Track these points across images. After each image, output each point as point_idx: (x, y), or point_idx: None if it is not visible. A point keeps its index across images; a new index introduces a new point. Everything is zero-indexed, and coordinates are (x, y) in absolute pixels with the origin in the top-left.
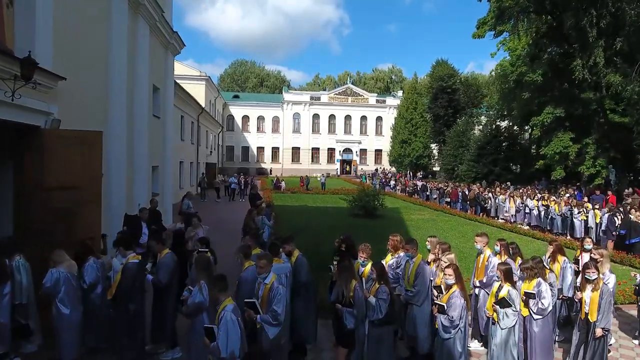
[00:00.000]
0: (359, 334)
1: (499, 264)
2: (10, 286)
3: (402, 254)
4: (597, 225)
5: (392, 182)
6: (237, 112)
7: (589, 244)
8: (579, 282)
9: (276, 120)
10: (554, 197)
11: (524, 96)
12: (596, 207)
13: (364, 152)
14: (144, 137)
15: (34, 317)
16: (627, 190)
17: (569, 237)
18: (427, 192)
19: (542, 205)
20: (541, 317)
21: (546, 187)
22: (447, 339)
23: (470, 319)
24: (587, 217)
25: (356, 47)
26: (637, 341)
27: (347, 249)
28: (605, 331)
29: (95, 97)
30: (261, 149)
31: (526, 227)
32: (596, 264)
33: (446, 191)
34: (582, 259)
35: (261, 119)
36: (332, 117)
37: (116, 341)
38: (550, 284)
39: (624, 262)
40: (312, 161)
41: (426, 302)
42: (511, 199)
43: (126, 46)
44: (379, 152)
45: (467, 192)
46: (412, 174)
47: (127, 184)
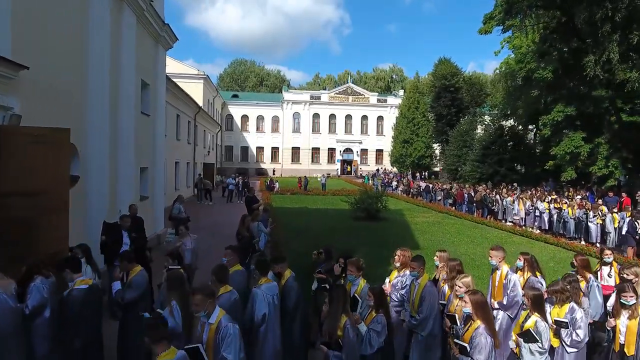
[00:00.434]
0: None
1: (528, 289)
2: None
3: (408, 272)
4: (615, 230)
5: (394, 183)
6: (236, 111)
7: (608, 257)
8: (609, 305)
9: (276, 119)
10: (566, 199)
11: (533, 94)
12: (614, 210)
13: (364, 152)
14: (130, 136)
15: None
16: None
17: (583, 242)
18: (431, 193)
19: (555, 208)
20: (576, 350)
21: (554, 189)
22: None
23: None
24: (604, 221)
25: (356, 47)
26: None
27: (326, 261)
28: None
29: (68, 91)
30: (260, 149)
31: (537, 231)
32: (633, 285)
33: (451, 192)
34: (601, 273)
35: (260, 118)
36: (332, 116)
37: None
38: (584, 309)
39: None
40: (312, 161)
41: (435, 327)
42: (520, 201)
43: (108, 36)
44: (380, 152)
45: (473, 194)
46: (413, 174)
47: (110, 188)
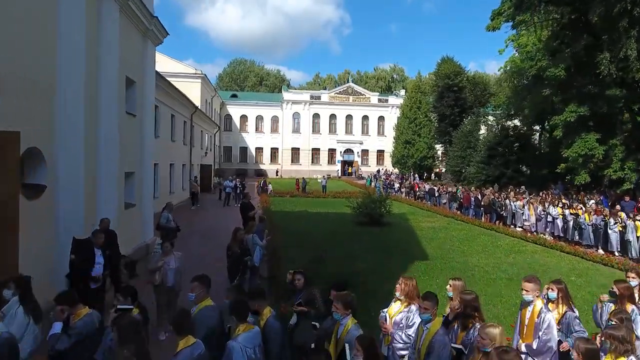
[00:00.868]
0: None
1: (579, 340)
2: None
3: (414, 307)
4: (637, 239)
5: (397, 185)
6: (235, 111)
7: (634, 279)
8: None
9: (275, 120)
10: (580, 204)
11: (543, 93)
12: (637, 218)
13: (365, 152)
14: (113, 137)
15: None
16: None
17: (601, 250)
18: (436, 197)
19: (571, 214)
20: None
21: (563, 192)
22: None
23: None
24: (624, 228)
25: (357, 47)
26: None
27: (305, 288)
28: None
29: (34, 89)
30: (260, 150)
31: (549, 238)
32: None
33: (457, 196)
34: None
35: (260, 118)
36: (332, 116)
37: None
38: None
39: None
40: (312, 162)
41: None
42: (530, 206)
43: (83, 26)
44: (381, 153)
45: (480, 197)
46: (415, 176)
47: (87, 197)
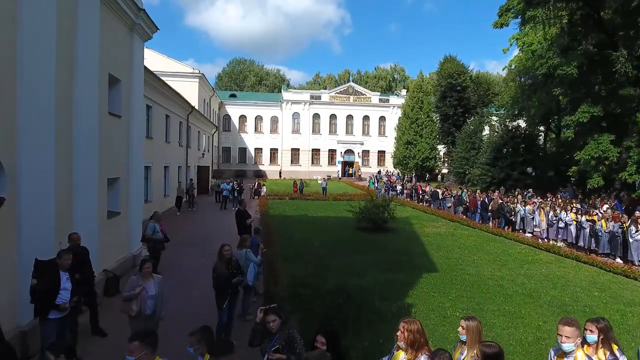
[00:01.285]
0: None
1: None
2: None
3: (422, 358)
4: None
5: (399, 187)
6: (234, 111)
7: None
8: None
9: (275, 120)
10: (597, 210)
11: (554, 92)
12: None
13: (366, 153)
14: (92, 141)
15: None
16: None
17: (619, 260)
18: (440, 200)
19: (587, 220)
20: None
21: (573, 195)
22: None
23: None
24: None
25: (357, 47)
26: None
27: (281, 330)
28: None
29: None
30: (259, 150)
31: (562, 245)
32: None
33: (463, 199)
34: None
35: (259, 118)
36: (333, 116)
37: None
38: None
39: None
40: (312, 163)
41: None
42: (541, 211)
43: (54, 18)
44: (382, 154)
45: (487, 201)
46: (413, 177)
47: (59, 208)
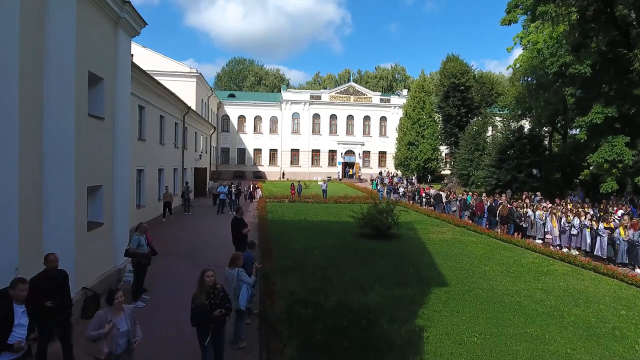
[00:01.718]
0: None
1: None
2: None
3: None
4: None
5: (401, 189)
6: (233, 112)
7: None
8: None
9: (274, 120)
10: (615, 217)
11: (566, 92)
12: None
13: (367, 154)
14: (67, 146)
15: None
16: None
17: (639, 270)
18: (444, 203)
19: (606, 228)
20: None
21: (583, 200)
22: None
23: None
24: None
25: (358, 47)
26: None
27: None
28: None
29: None
30: (258, 151)
31: (575, 253)
32: None
33: (469, 203)
34: None
35: (258, 119)
36: (333, 117)
37: None
38: None
39: None
40: (312, 164)
41: None
42: (553, 217)
43: (17, 8)
44: (383, 154)
45: (494, 205)
46: (419, 179)
47: (29, 224)
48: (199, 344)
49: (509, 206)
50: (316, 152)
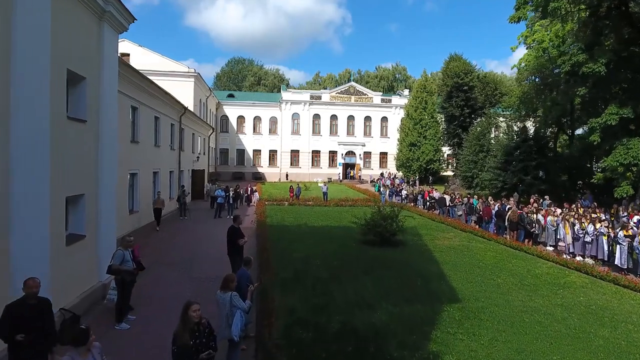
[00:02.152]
0: None
1: None
2: None
3: None
4: None
5: (404, 192)
6: (232, 112)
7: None
8: None
9: (274, 120)
10: (630, 223)
11: (578, 92)
12: None
13: (368, 155)
14: (41, 152)
15: None
16: None
17: None
18: (449, 207)
19: (625, 236)
20: None
21: (592, 203)
22: None
23: None
24: None
25: (358, 47)
26: None
27: None
28: None
29: None
30: (257, 152)
31: (590, 262)
32: None
33: (475, 207)
34: None
35: (258, 119)
36: (333, 117)
37: None
38: None
39: None
40: (312, 165)
41: None
42: (566, 223)
43: None
44: (384, 155)
45: (503, 209)
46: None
47: None
48: None
49: (519, 211)
50: (316, 153)
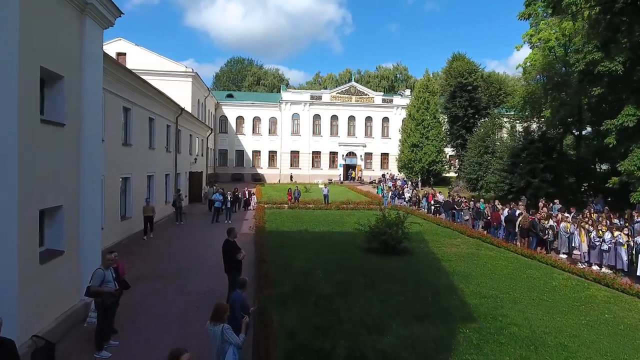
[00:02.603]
0: None
1: None
2: None
3: None
4: None
5: (407, 194)
6: (231, 112)
7: None
8: None
9: (273, 121)
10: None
11: (593, 92)
12: None
13: (369, 156)
14: (8, 161)
15: None
16: None
17: None
18: (454, 211)
19: None
20: None
21: (603, 208)
22: None
23: None
24: None
25: (358, 47)
26: None
27: None
28: None
29: None
30: (257, 153)
31: (607, 271)
32: None
33: (483, 212)
34: None
35: (257, 120)
36: (334, 117)
37: None
38: None
39: None
40: (312, 166)
41: None
42: (582, 230)
43: None
44: (385, 156)
45: (513, 214)
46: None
47: None
48: None
49: (530, 217)
50: (317, 154)
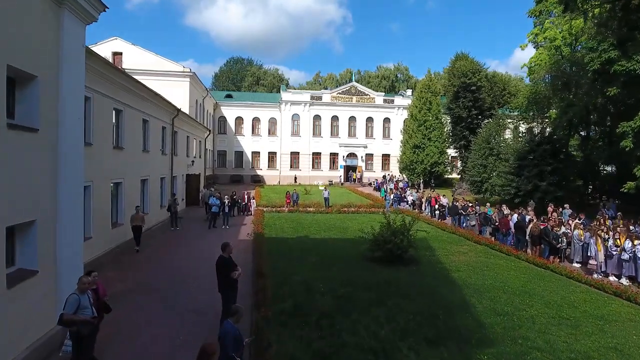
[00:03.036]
0: None
1: None
2: None
3: None
4: None
5: (410, 198)
6: (230, 113)
7: None
8: None
9: (273, 121)
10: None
11: (608, 92)
12: None
13: (370, 157)
14: None
15: None
16: None
17: None
18: (460, 216)
19: None
20: None
21: (616, 214)
22: None
23: None
24: None
25: (359, 47)
26: None
27: None
28: None
29: None
30: (256, 154)
31: (627, 283)
32: None
33: (491, 218)
34: None
35: (257, 120)
36: (334, 118)
37: None
38: None
39: None
40: (312, 167)
41: None
42: (598, 238)
43: None
44: (386, 157)
45: (523, 220)
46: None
47: None
48: None
49: (542, 224)
50: (317, 155)
